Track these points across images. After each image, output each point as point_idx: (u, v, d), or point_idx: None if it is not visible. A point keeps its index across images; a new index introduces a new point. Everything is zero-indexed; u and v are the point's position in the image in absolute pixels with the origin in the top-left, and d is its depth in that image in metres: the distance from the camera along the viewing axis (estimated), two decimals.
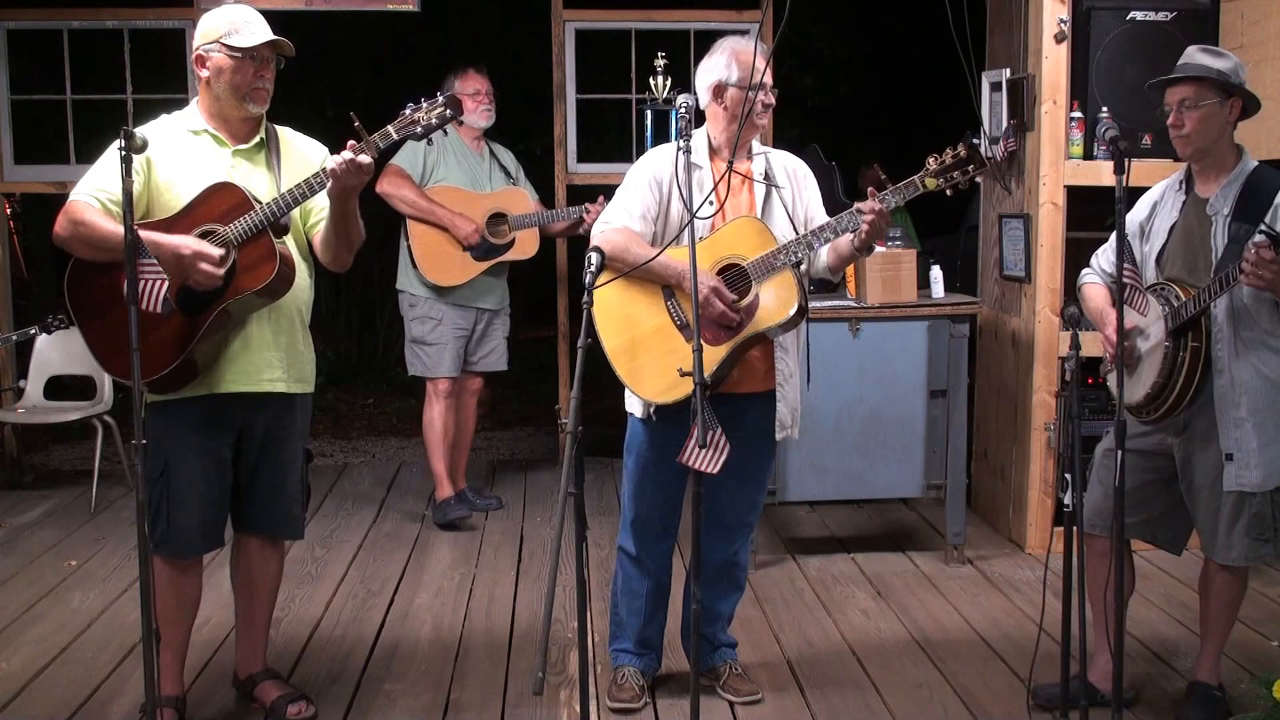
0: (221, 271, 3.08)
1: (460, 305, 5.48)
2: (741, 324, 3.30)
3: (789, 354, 3.48)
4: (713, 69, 3.42)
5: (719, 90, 3.40)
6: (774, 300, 3.30)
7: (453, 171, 5.40)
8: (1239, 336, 3.23)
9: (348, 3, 5.86)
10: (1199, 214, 3.31)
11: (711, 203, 3.38)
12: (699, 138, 3.47)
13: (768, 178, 3.47)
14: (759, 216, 3.41)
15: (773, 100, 3.43)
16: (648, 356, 3.32)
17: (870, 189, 3.27)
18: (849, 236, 3.32)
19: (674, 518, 3.60)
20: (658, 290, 3.35)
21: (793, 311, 3.29)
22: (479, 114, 5.40)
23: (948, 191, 3.24)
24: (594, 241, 3.33)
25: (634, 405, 3.47)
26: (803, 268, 3.41)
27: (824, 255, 3.48)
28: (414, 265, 5.43)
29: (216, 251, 3.07)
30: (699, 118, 3.43)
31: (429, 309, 5.47)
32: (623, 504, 3.61)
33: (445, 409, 5.51)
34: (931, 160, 3.24)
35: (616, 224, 3.36)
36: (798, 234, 3.39)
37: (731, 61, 3.39)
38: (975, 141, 3.23)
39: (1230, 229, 3.21)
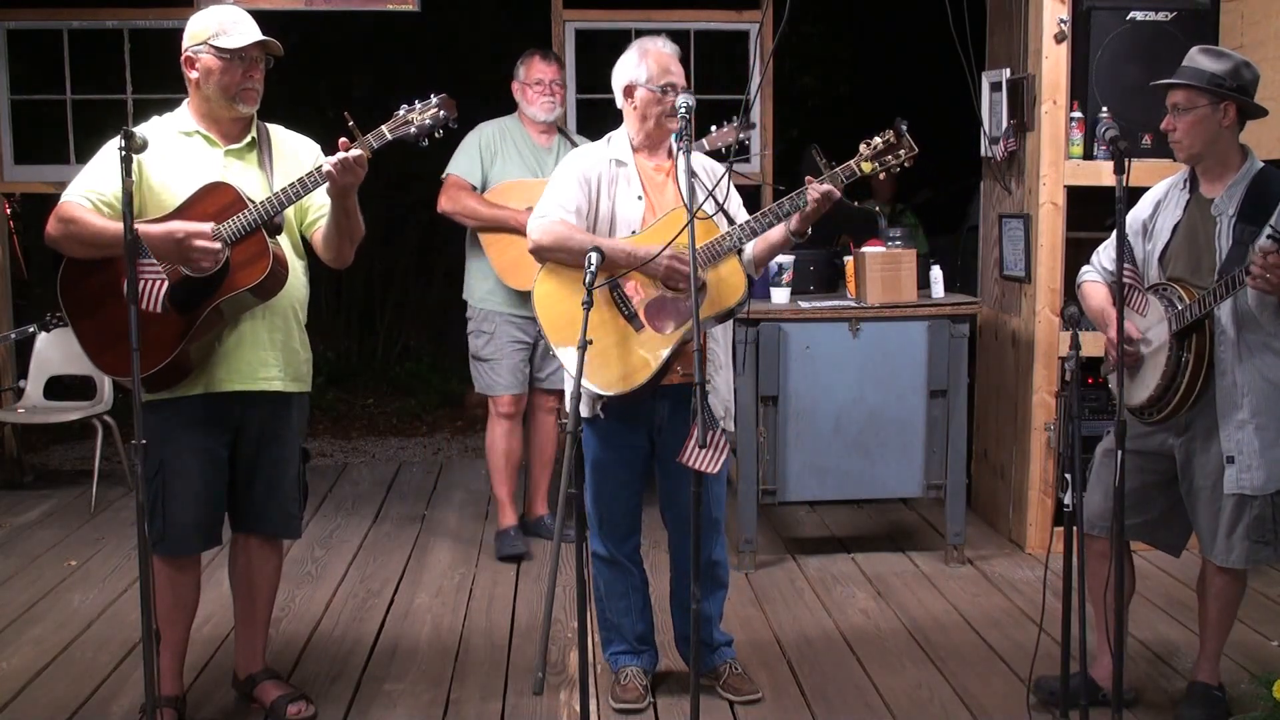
0: (219, 247, 3.08)
1: (518, 317, 4.97)
2: (691, 311, 3.30)
3: (719, 344, 3.51)
4: (624, 69, 3.46)
5: (629, 90, 3.44)
6: (722, 286, 3.33)
7: (513, 165, 4.92)
8: (1242, 339, 3.22)
9: (348, 3, 5.86)
10: (1203, 214, 3.30)
11: (640, 197, 3.42)
12: (620, 136, 3.51)
13: (691, 171, 3.47)
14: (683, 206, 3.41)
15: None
16: (595, 348, 3.30)
17: (808, 177, 3.33)
18: (780, 226, 3.37)
19: (637, 514, 3.61)
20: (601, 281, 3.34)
21: (741, 295, 3.33)
22: (539, 105, 4.93)
23: (881, 175, 3.36)
24: (533, 236, 3.36)
25: (580, 405, 3.43)
26: None
27: (749, 247, 3.50)
28: (497, 279, 4.95)
29: (209, 228, 3.07)
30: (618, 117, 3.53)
31: (483, 322, 5.05)
32: (587, 509, 3.59)
33: (508, 430, 5.07)
34: (864, 146, 3.34)
35: (553, 216, 3.37)
36: (729, 221, 3.42)
37: (641, 61, 3.42)
38: (904, 126, 3.31)
39: (1235, 230, 3.20)
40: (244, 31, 3.17)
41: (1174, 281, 3.31)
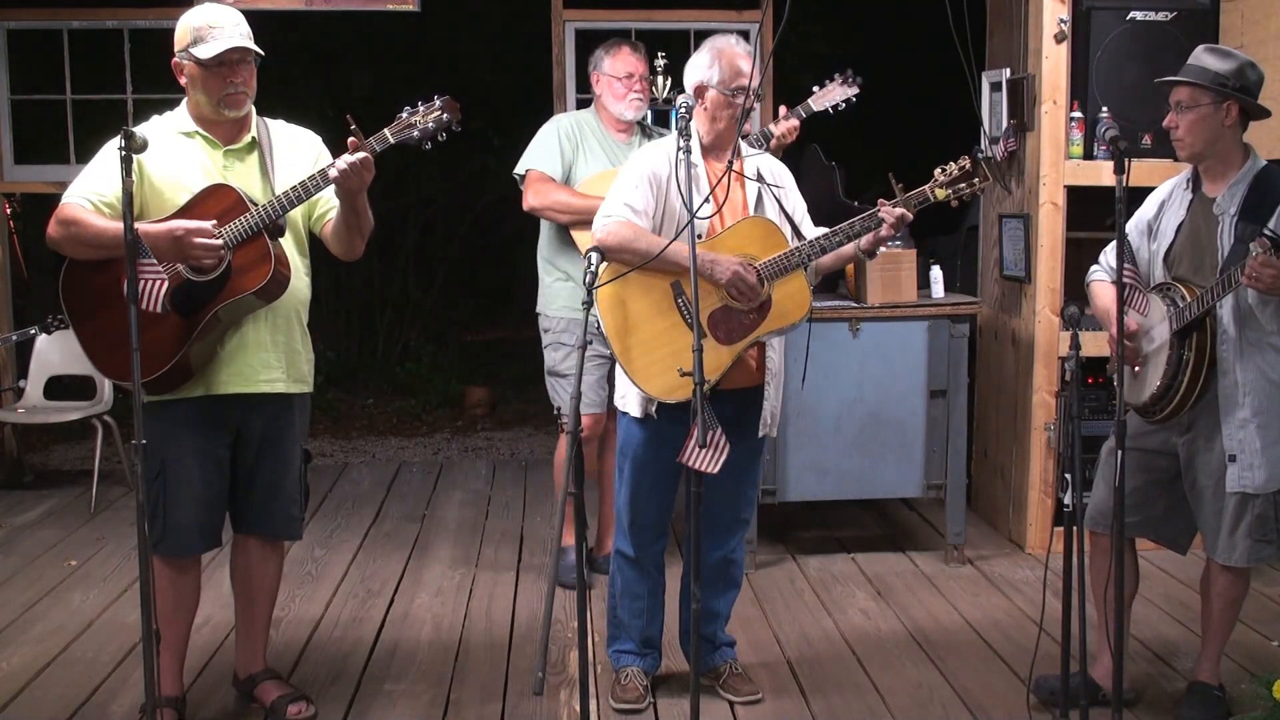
0: (220, 244, 3.08)
1: None
2: (755, 323, 3.31)
3: (776, 352, 3.50)
4: (696, 69, 3.43)
5: (700, 90, 3.41)
6: (787, 301, 3.32)
7: (596, 162, 4.48)
8: (1244, 337, 3.23)
9: (348, 3, 5.85)
10: (1206, 213, 3.30)
11: (710, 203, 3.38)
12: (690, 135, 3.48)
13: (760, 178, 3.47)
14: (755, 215, 3.42)
15: (754, 105, 3.42)
16: (658, 354, 3.31)
17: (881, 199, 3.35)
18: (851, 243, 3.38)
19: (669, 517, 3.61)
20: (666, 287, 3.33)
21: (805, 314, 3.33)
22: (628, 103, 4.45)
23: (953, 203, 3.33)
24: (598, 235, 3.33)
25: (631, 404, 3.45)
26: None
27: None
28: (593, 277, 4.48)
29: (210, 224, 3.07)
30: None
31: (562, 334, 4.52)
32: (618, 508, 3.60)
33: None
34: (939, 173, 3.35)
35: (619, 216, 3.34)
36: (795, 230, 3.41)
37: (715, 62, 3.38)
38: (981, 155, 3.32)
39: (1237, 229, 3.21)
40: (220, 37, 3.14)
41: (1178, 281, 3.31)
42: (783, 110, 4.48)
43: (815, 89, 4.54)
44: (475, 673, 3.85)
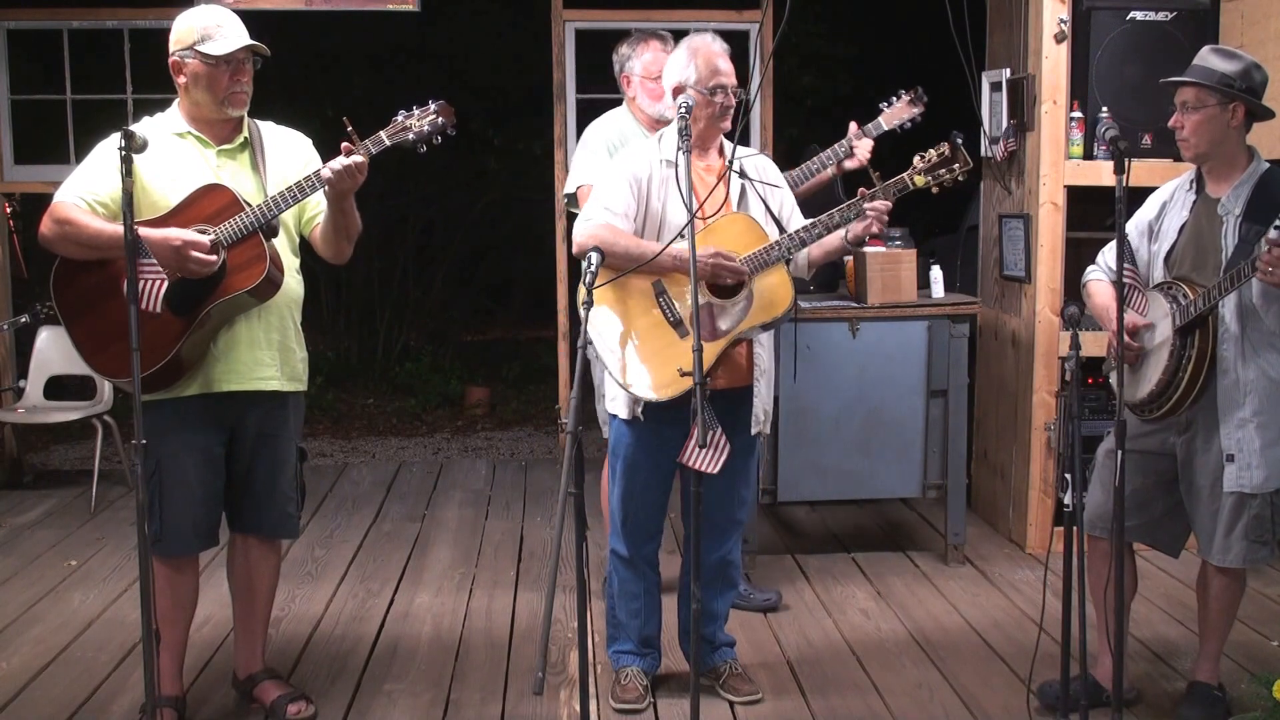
0: (215, 260, 3.08)
1: None
2: (738, 319, 3.31)
3: (765, 349, 3.50)
4: (673, 69, 3.43)
5: (678, 91, 3.41)
6: (768, 296, 3.31)
7: None
8: (1247, 337, 3.23)
9: (348, 3, 5.85)
10: (1209, 214, 3.30)
11: (694, 201, 3.39)
12: (671, 135, 3.47)
13: (743, 174, 3.47)
14: (735, 212, 3.42)
15: (733, 102, 3.41)
16: (641, 354, 3.31)
17: (861, 189, 3.34)
18: (838, 232, 3.36)
19: (662, 516, 3.61)
20: (648, 287, 3.34)
21: (788, 306, 3.32)
22: (666, 103, 4.24)
23: (934, 189, 3.32)
24: (578, 239, 3.33)
25: (619, 406, 3.46)
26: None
27: (803, 255, 3.49)
28: None
29: (206, 239, 3.08)
30: None
31: None
32: (611, 508, 3.60)
33: None
34: (918, 159, 3.34)
35: (599, 220, 3.34)
36: (780, 228, 3.41)
37: (690, 62, 3.39)
38: (959, 140, 3.30)
39: (1241, 229, 3.21)
40: (230, 36, 3.15)
41: (1180, 281, 3.31)
42: (853, 128, 4.36)
43: (883, 106, 4.47)
44: (475, 673, 3.85)
